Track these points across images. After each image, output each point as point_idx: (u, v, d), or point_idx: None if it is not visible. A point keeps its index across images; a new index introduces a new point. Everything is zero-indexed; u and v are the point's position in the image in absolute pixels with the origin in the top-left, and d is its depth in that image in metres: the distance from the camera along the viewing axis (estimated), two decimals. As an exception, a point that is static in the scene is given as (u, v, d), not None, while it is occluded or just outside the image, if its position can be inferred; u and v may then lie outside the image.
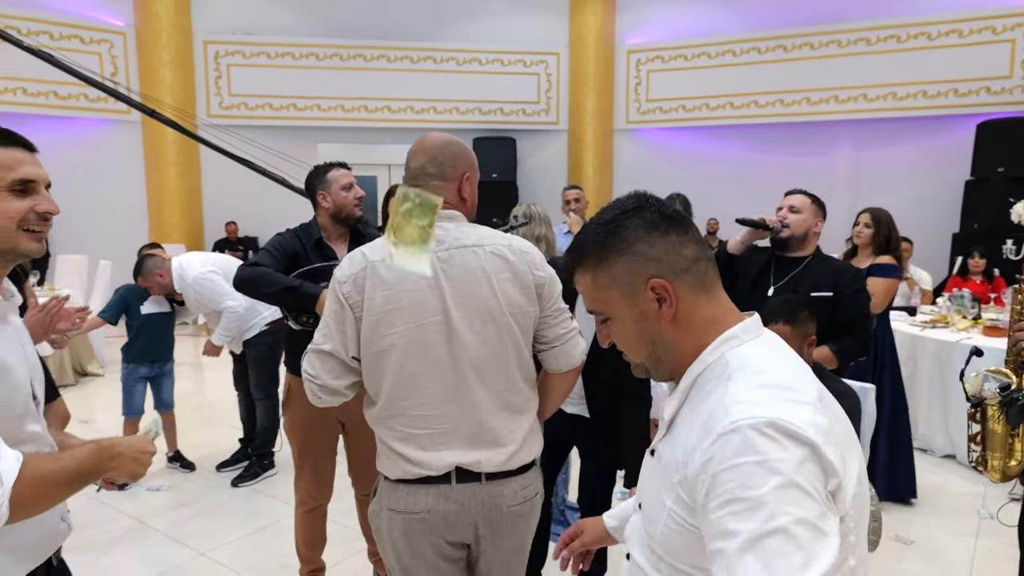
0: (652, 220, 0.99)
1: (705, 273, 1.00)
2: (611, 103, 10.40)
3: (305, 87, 9.79)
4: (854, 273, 2.85)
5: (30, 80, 8.26)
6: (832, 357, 2.68)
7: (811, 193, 2.88)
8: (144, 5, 9.14)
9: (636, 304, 0.99)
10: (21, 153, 1.25)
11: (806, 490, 0.80)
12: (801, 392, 0.89)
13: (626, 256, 0.99)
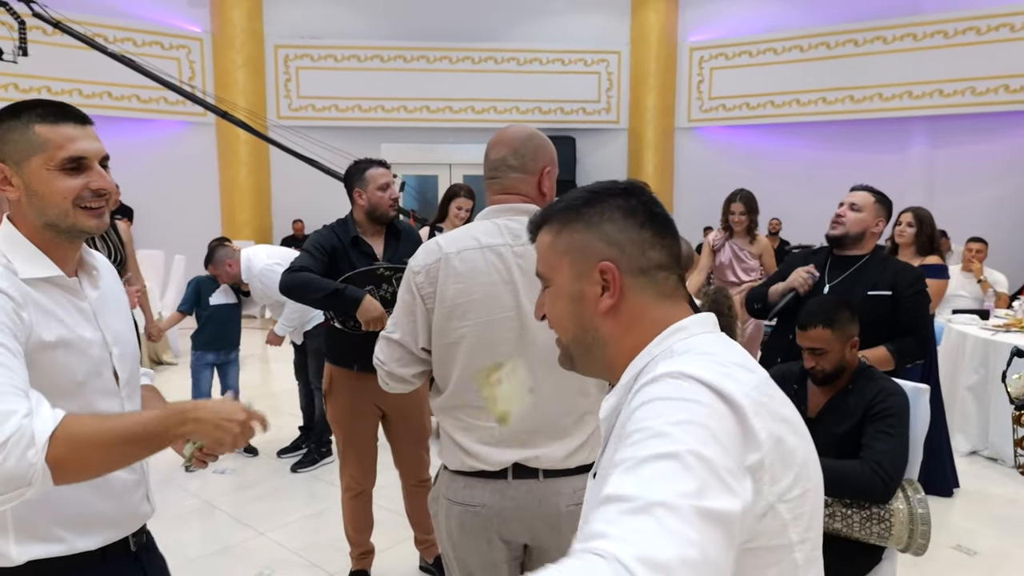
0: (633, 209, 0.94)
1: (665, 282, 0.94)
2: (672, 101, 10.28)
3: (370, 88, 10.03)
4: (915, 274, 2.77)
5: (115, 84, 8.73)
6: (889, 358, 2.62)
7: (878, 191, 2.80)
8: (220, 12, 9.55)
9: (579, 281, 0.93)
10: (72, 128, 1.22)
11: (719, 438, 0.72)
12: (742, 374, 0.81)
13: (592, 231, 0.93)
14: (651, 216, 0.94)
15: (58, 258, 1.24)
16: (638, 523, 0.65)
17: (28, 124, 1.19)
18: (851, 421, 2.17)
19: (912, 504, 2.07)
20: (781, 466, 0.78)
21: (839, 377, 2.27)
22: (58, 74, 8.51)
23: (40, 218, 1.22)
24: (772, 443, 0.77)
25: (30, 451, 1.00)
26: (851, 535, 2.09)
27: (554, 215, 0.97)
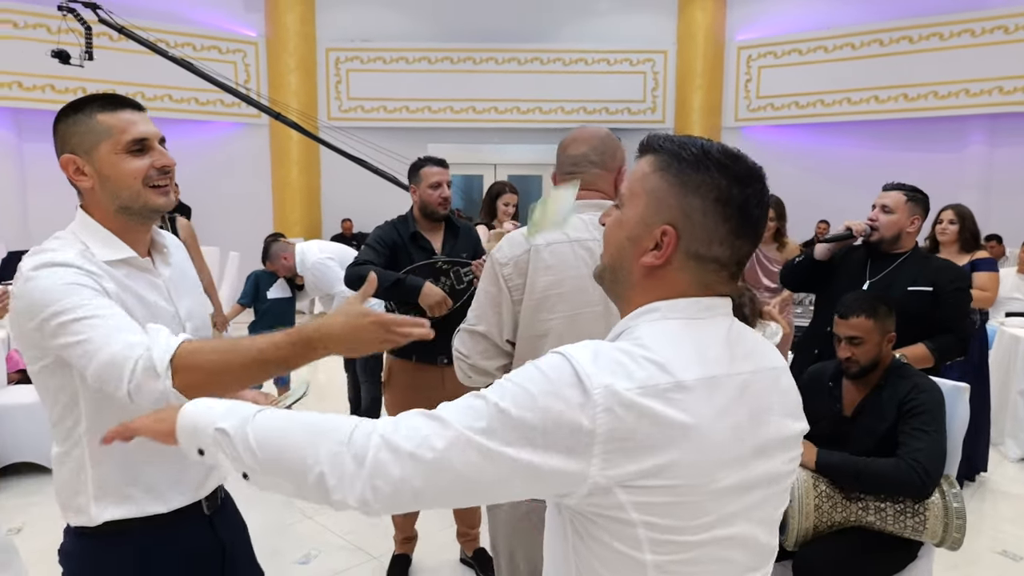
0: (729, 199, 0.90)
1: (714, 274, 0.93)
2: (719, 101, 10.19)
3: (417, 90, 10.20)
4: (957, 271, 2.74)
5: (175, 88, 9.08)
6: (928, 355, 2.60)
7: (910, 188, 2.78)
8: (275, 17, 9.84)
9: (641, 225, 0.93)
10: (131, 113, 1.29)
11: (537, 409, 0.81)
12: (641, 372, 0.83)
13: (679, 192, 0.91)
14: (741, 213, 0.91)
15: (131, 240, 1.32)
16: (415, 421, 0.85)
17: (91, 115, 1.28)
18: (887, 418, 2.17)
19: (947, 499, 2.07)
20: (621, 456, 0.81)
21: (873, 371, 2.27)
22: (123, 78, 8.89)
23: (113, 202, 1.29)
24: (610, 436, 0.80)
25: (157, 380, 1.10)
26: (884, 528, 2.10)
27: (664, 153, 0.93)
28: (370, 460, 0.83)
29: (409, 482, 0.82)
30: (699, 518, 0.87)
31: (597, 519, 0.87)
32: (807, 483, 2.11)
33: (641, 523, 0.85)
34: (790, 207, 4.34)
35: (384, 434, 0.84)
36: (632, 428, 0.81)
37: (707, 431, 0.85)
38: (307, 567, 3.16)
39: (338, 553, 3.27)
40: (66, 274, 1.18)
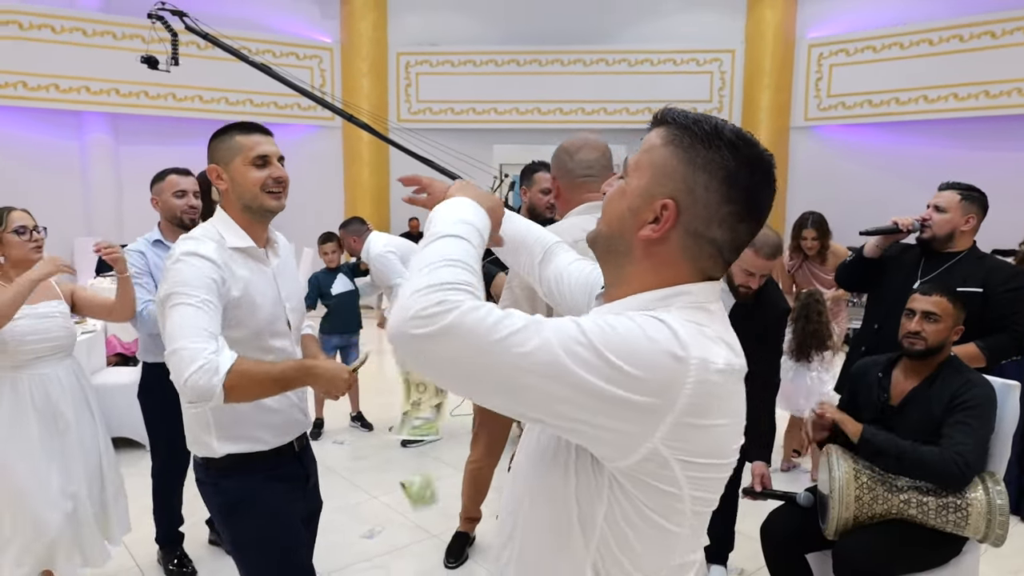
0: (736, 180, 0.88)
1: (709, 258, 0.92)
2: (788, 100, 10.01)
3: (484, 92, 10.42)
4: (1011, 272, 2.73)
5: (256, 92, 9.56)
6: (979, 355, 2.60)
7: (966, 187, 2.78)
8: (349, 23, 10.24)
9: (643, 197, 0.92)
10: (259, 136, 1.73)
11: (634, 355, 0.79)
12: (738, 354, 0.88)
13: (686, 167, 0.89)
14: (746, 196, 0.89)
15: (252, 234, 1.74)
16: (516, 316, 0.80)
17: (231, 135, 1.72)
18: (935, 411, 2.20)
19: (991, 495, 2.10)
20: (694, 437, 0.83)
21: (933, 356, 2.28)
22: (208, 84, 9.44)
23: (240, 201, 1.71)
24: (688, 408, 0.81)
25: (215, 377, 1.46)
26: (927, 523, 2.14)
27: (676, 127, 0.92)
28: (443, 324, 0.77)
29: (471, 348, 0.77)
30: (717, 493, 0.92)
31: (647, 492, 0.86)
32: (849, 474, 2.17)
33: (691, 498, 0.87)
34: (861, 207, 4.33)
35: (471, 308, 0.79)
36: (707, 406, 0.82)
37: (740, 414, 0.91)
38: (371, 541, 3.37)
39: (399, 530, 3.48)
40: (203, 266, 1.56)
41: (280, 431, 1.78)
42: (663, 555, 0.92)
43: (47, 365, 2.44)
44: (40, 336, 2.39)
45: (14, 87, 8.54)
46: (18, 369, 2.38)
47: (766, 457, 2.59)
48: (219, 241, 1.66)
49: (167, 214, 2.79)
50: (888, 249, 2.98)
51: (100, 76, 8.89)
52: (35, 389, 2.40)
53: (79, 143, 9.14)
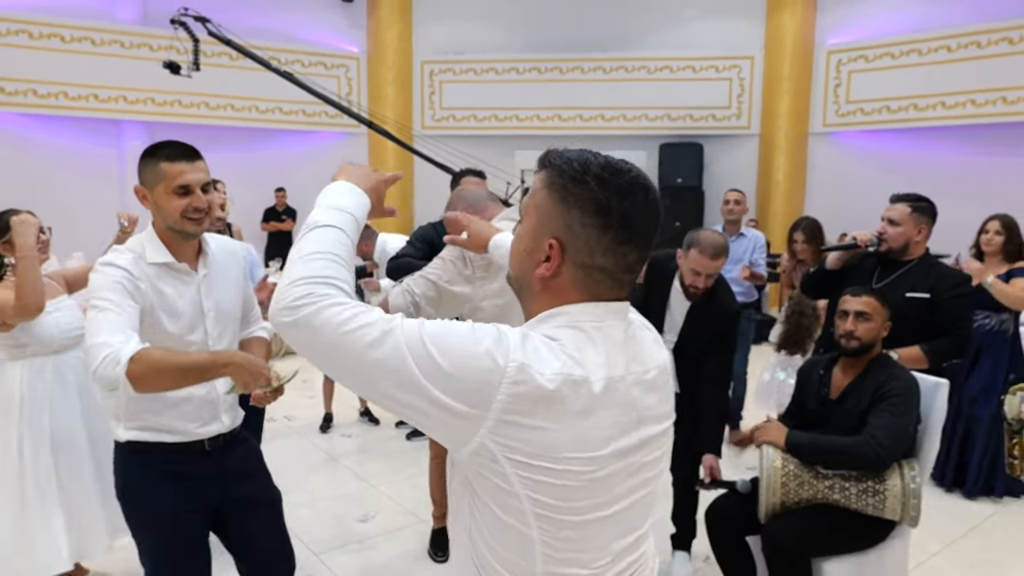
0: (608, 209, 0.95)
1: (599, 284, 0.99)
2: (807, 106, 10.06)
3: (505, 99, 10.68)
4: (959, 279, 2.87)
5: (284, 101, 9.97)
6: (921, 356, 2.76)
7: (915, 199, 2.94)
8: (375, 33, 10.60)
9: (534, 239, 1.00)
10: (183, 164, 1.79)
11: (464, 358, 0.89)
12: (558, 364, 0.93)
13: (562, 207, 0.97)
14: (622, 222, 0.96)
15: (176, 250, 1.86)
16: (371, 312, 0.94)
17: (157, 161, 1.80)
18: (864, 402, 2.38)
19: (906, 480, 2.27)
20: (517, 438, 0.90)
21: (866, 353, 2.46)
22: (238, 92, 9.89)
23: (164, 222, 1.83)
24: (507, 408, 0.89)
25: (117, 367, 1.57)
26: (849, 506, 2.32)
27: (551, 169, 1.00)
28: (305, 313, 0.93)
29: (324, 345, 0.93)
30: (578, 501, 0.95)
31: (485, 485, 0.95)
32: (775, 463, 2.35)
33: (527, 498, 0.92)
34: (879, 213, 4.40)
35: (328, 304, 0.94)
36: (530, 408, 0.89)
37: (597, 426, 0.93)
38: (366, 524, 3.64)
39: (392, 514, 3.74)
40: (114, 273, 1.74)
41: (186, 428, 1.86)
42: (526, 559, 0.97)
43: (76, 350, 2.74)
44: (76, 324, 2.71)
45: (56, 97, 9.07)
46: (59, 354, 2.70)
47: (716, 450, 2.77)
48: (139, 254, 1.80)
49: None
50: (850, 259, 3.15)
51: (137, 86, 9.38)
52: (63, 376, 2.71)
53: (117, 150, 9.65)
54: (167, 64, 7.50)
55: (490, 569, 1.00)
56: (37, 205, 9.10)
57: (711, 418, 2.80)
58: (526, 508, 0.93)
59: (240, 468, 2.01)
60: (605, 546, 1.00)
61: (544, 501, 0.93)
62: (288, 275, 0.98)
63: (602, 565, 1.01)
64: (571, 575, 0.98)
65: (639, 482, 1.03)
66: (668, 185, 10.00)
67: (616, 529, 1.01)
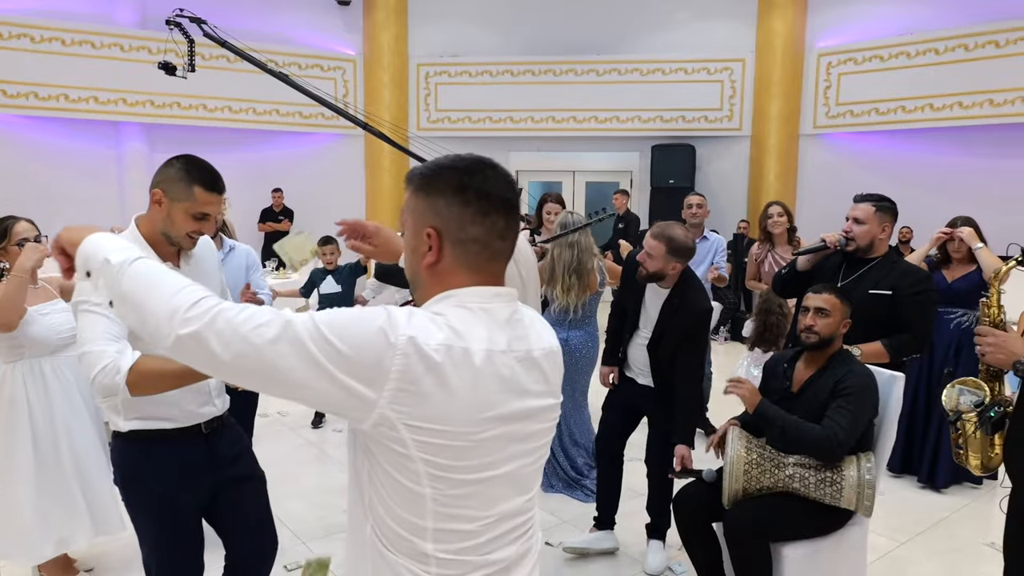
0: (464, 187, 1.09)
1: (478, 255, 1.11)
2: (797, 108, 10.19)
3: (500, 101, 10.80)
4: (919, 276, 2.99)
5: (281, 103, 10.09)
6: (883, 351, 2.88)
7: (877, 198, 3.05)
8: (371, 36, 10.73)
9: (416, 238, 1.13)
10: (214, 196, 1.89)
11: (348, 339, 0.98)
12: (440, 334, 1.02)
13: (428, 200, 1.11)
14: (479, 194, 1.09)
15: (160, 251, 1.91)
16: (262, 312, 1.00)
17: (192, 183, 1.86)
18: (823, 395, 2.50)
19: (861, 472, 2.39)
20: (412, 403, 1.00)
21: (826, 348, 2.58)
22: (237, 95, 10.02)
23: (164, 229, 1.89)
24: (401, 377, 0.99)
25: (117, 376, 1.67)
26: (808, 495, 2.44)
27: (412, 179, 1.14)
28: (205, 321, 0.98)
29: (226, 348, 0.98)
30: (466, 460, 1.04)
31: (384, 451, 1.03)
32: (740, 451, 2.48)
33: (421, 460, 1.02)
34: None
35: (224, 309, 1.00)
36: (420, 376, 0.99)
37: (479, 392, 1.03)
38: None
39: (381, 506, 3.85)
40: None
41: (184, 415, 1.95)
42: (417, 515, 1.07)
43: (63, 355, 2.86)
44: (64, 328, 2.82)
45: (56, 99, 9.19)
46: (55, 354, 2.83)
47: (688, 441, 2.89)
48: None
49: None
50: (806, 252, 3.28)
51: (136, 88, 9.50)
52: (61, 375, 2.84)
53: (117, 152, 9.78)
54: (162, 65, 7.51)
55: (383, 526, 1.09)
56: (37, 205, 9.36)
57: (683, 410, 2.92)
58: (420, 469, 1.03)
59: (231, 451, 2.11)
60: (491, 505, 1.10)
61: (436, 462, 1.03)
62: (175, 303, 1.03)
63: (487, 523, 1.11)
64: (457, 529, 1.08)
65: (524, 450, 1.13)
66: (660, 186, 10.13)
67: (502, 491, 1.11)
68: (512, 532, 1.16)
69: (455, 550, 1.09)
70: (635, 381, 3.18)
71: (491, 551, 1.13)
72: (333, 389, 0.99)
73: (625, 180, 11.10)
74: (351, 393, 0.99)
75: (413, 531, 1.07)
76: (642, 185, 10.80)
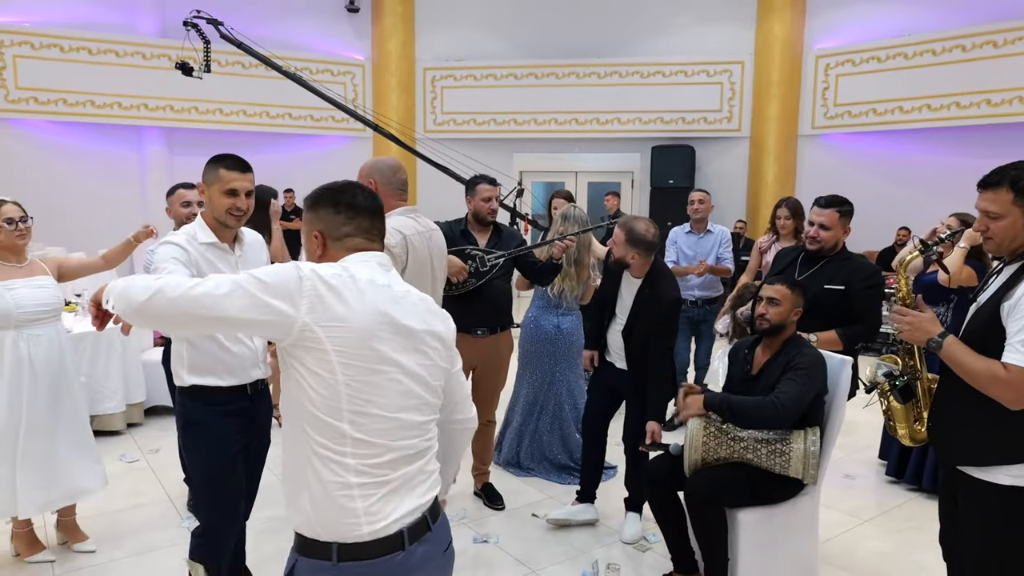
0: (336, 202, 1.52)
1: (350, 239, 1.53)
2: (796, 109, 10.40)
3: (504, 104, 11.09)
4: (870, 271, 3.25)
5: (294, 107, 10.45)
6: (837, 340, 3.14)
7: (838, 202, 3.29)
8: (380, 42, 11.06)
9: (311, 242, 1.56)
10: (236, 173, 2.36)
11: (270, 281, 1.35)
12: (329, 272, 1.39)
13: (314, 214, 1.55)
14: (347, 206, 1.53)
15: (220, 235, 2.39)
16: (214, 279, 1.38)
17: (218, 167, 2.36)
18: (777, 374, 2.76)
19: (807, 444, 2.66)
20: (322, 309, 1.36)
21: (778, 334, 2.83)
22: (251, 99, 10.40)
23: (212, 214, 2.38)
24: (310, 294, 1.36)
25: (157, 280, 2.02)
26: (760, 464, 2.70)
27: (305, 200, 1.60)
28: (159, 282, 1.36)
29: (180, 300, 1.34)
30: (366, 352, 1.38)
31: (307, 354, 1.37)
32: (699, 423, 2.75)
33: (333, 351, 1.36)
34: (869, 213, 4.55)
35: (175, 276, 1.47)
36: (323, 293, 1.37)
37: (366, 302, 1.40)
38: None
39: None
40: (171, 249, 2.26)
41: (235, 375, 2.37)
42: (334, 398, 1.38)
43: (40, 327, 3.04)
44: (36, 303, 3.01)
45: (83, 105, 9.63)
46: (20, 328, 2.98)
47: (658, 417, 3.17)
48: (191, 236, 2.34)
49: (177, 220, 3.51)
50: (784, 253, 3.55)
51: (157, 94, 9.90)
52: (32, 345, 3.00)
53: (139, 155, 10.18)
54: (179, 65, 7.70)
55: (310, 417, 1.39)
56: (65, 204, 9.76)
57: (655, 389, 3.19)
58: (333, 360, 1.36)
59: (264, 419, 2.54)
60: (394, 410, 1.43)
61: (343, 351, 1.37)
62: (123, 285, 1.41)
63: (393, 418, 1.43)
64: (368, 412, 1.40)
65: (417, 368, 1.47)
66: (660, 186, 10.38)
67: (401, 399, 1.44)
68: (411, 448, 1.47)
69: (368, 431, 1.39)
70: (613, 365, 3.45)
71: (400, 439, 1.44)
72: (267, 313, 1.34)
73: (626, 180, 11.35)
74: (279, 312, 1.34)
75: (333, 414, 1.38)
76: (642, 185, 11.05)
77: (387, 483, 1.42)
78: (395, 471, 1.43)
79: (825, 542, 3.39)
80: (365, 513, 1.39)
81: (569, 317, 4.23)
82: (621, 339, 3.33)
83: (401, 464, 1.44)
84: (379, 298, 1.44)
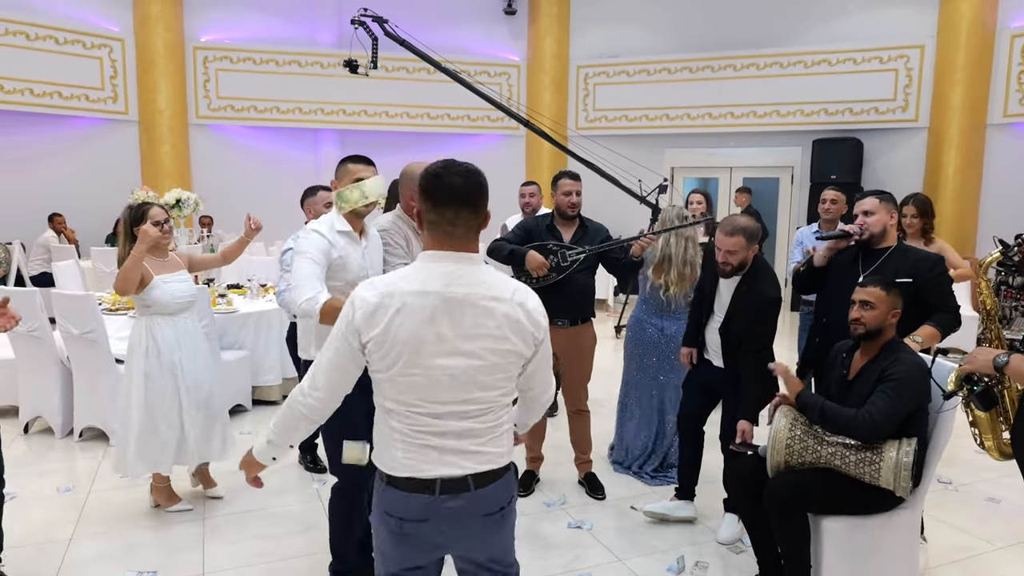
0: (425, 190, 1.66)
1: (437, 228, 1.65)
2: (985, 95, 9.35)
3: (656, 99, 10.98)
4: (934, 260, 3.02)
5: (452, 108, 11.07)
6: (936, 333, 2.95)
7: (879, 192, 3.10)
8: (535, 42, 11.37)
9: (416, 213, 1.92)
10: (361, 167, 2.66)
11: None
12: (395, 286, 1.62)
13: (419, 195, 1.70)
14: (431, 195, 1.64)
15: (352, 224, 2.66)
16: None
17: (346, 164, 2.69)
18: (872, 381, 2.63)
19: (900, 455, 2.52)
20: (367, 327, 1.61)
21: (876, 339, 2.70)
22: (413, 102, 11.14)
23: (345, 207, 2.64)
24: (362, 316, 1.61)
25: (316, 306, 2.38)
26: (848, 472, 2.60)
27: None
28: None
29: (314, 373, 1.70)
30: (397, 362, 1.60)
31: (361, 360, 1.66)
32: (784, 426, 2.69)
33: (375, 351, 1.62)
34: None
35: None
36: (371, 313, 1.61)
37: (402, 321, 1.59)
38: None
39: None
40: (318, 241, 2.58)
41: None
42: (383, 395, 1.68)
43: (183, 315, 3.51)
44: (185, 294, 3.49)
45: (270, 111, 10.86)
46: (170, 316, 3.45)
47: (751, 417, 3.11)
48: (331, 225, 2.63)
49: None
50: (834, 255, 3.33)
51: (331, 100, 10.90)
52: (178, 330, 3.46)
53: (315, 155, 11.28)
54: (346, 63, 8.29)
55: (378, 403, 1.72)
56: (252, 199, 10.95)
57: (748, 388, 3.14)
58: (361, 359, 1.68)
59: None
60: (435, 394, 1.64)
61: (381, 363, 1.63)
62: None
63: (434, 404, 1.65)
64: (406, 401, 1.66)
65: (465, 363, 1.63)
66: (821, 182, 9.76)
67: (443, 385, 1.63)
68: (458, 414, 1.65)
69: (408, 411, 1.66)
70: (711, 362, 3.43)
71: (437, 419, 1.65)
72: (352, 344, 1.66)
73: (785, 176, 10.81)
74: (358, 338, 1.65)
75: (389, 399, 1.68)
76: (802, 181, 10.46)
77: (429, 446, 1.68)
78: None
79: (947, 564, 3.17)
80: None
81: (675, 322, 4.10)
82: (719, 336, 3.30)
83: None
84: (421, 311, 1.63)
